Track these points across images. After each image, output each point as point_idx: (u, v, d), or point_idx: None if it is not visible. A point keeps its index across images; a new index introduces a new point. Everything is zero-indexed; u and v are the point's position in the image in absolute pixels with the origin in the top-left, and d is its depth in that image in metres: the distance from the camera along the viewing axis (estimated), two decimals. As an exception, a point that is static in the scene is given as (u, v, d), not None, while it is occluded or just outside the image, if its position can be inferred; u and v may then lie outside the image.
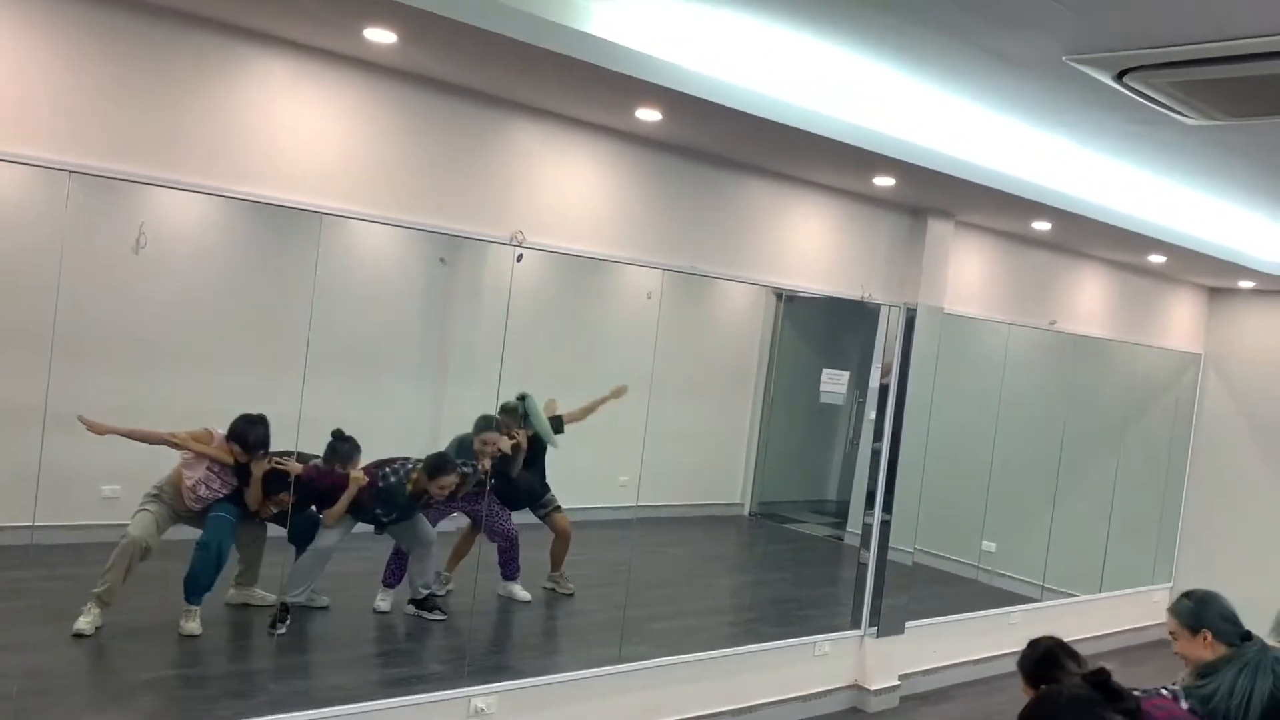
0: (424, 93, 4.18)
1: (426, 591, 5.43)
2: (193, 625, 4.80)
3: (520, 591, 5.91)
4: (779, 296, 9.19)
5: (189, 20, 3.59)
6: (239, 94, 3.76)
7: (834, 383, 8.12)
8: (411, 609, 5.44)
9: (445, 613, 5.50)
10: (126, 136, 3.53)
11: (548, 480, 6.13)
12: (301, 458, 5.13)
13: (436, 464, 5.26)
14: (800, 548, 9.02)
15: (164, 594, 4.82)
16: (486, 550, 5.92)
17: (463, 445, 5.69)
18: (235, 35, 3.71)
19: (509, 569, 5.90)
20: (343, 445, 5.15)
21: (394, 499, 5.23)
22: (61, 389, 5.42)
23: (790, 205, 5.57)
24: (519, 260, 4.94)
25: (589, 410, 6.06)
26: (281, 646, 4.93)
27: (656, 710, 5.08)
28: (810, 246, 5.71)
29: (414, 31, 3.54)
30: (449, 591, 5.81)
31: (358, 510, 5.20)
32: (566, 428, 6.12)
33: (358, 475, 5.15)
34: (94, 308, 5.70)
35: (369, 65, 4.01)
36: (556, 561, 6.11)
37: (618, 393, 6.03)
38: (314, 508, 5.22)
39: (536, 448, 6.00)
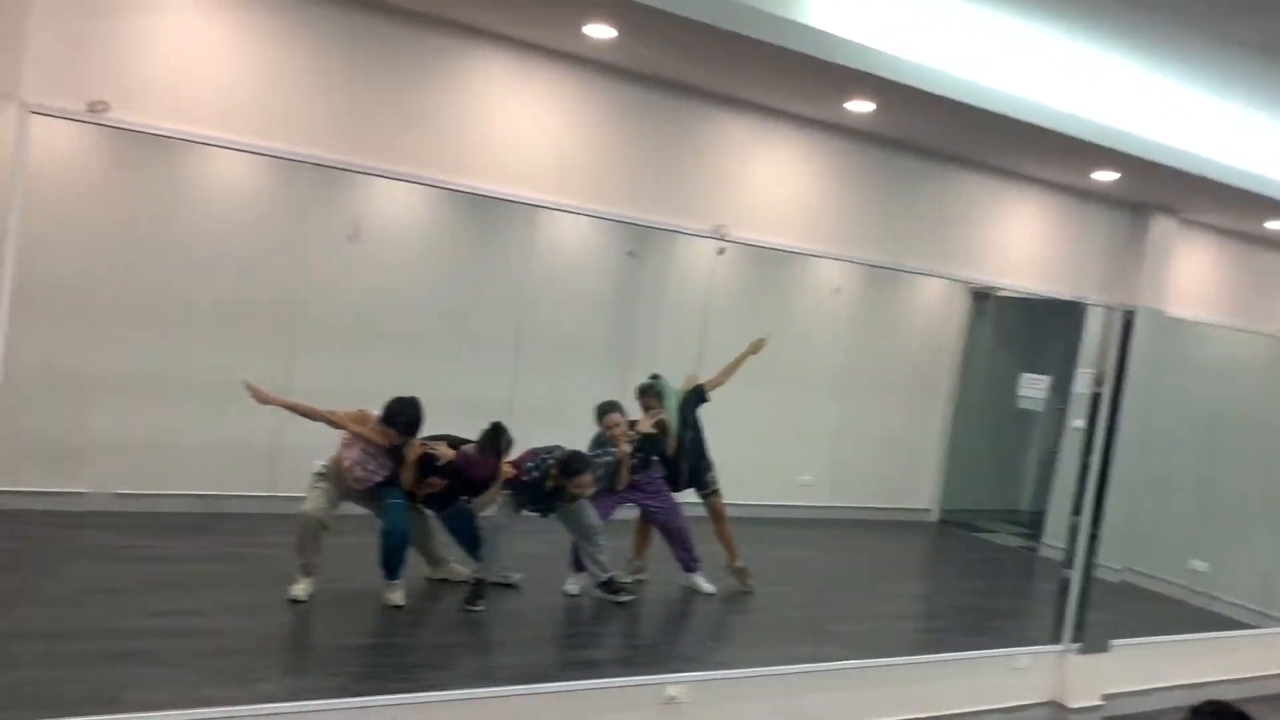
0: (636, 88, 4.24)
1: (606, 575, 5.49)
2: (395, 596, 5.02)
3: (704, 584, 5.92)
4: (974, 295, 8.89)
5: (417, 19, 3.75)
6: (461, 90, 3.90)
7: (1033, 387, 7.80)
8: (598, 592, 5.52)
9: (631, 594, 5.55)
10: (355, 130, 3.71)
11: (710, 460, 6.03)
12: (453, 442, 5.22)
13: (569, 464, 5.24)
14: (990, 557, 8.70)
15: (372, 563, 5.06)
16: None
17: (600, 438, 5.68)
18: (460, 33, 3.85)
19: (687, 561, 5.90)
20: (500, 436, 5.17)
21: (538, 492, 5.29)
22: (283, 367, 5.80)
23: (1000, 200, 5.36)
24: (720, 253, 4.95)
25: (731, 370, 5.93)
26: (477, 622, 5.09)
27: (846, 713, 4.99)
28: (1020, 243, 5.48)
29: (633, 26, 3.58)
30: (639, 581, 5.88)
31: (515, 497, 5.30)
32: (713, 393, 5.98)
33: (506, 469, 5.22)
34: (309, 292, 6.06)
35: (584, 61, 4.09)
36: (729, 547, 6.05)
37: (756, 347, 5.89)
38: (464, 497, 5.32)
39: (694, 428, 5.94)
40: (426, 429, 5.13)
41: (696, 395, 5.93)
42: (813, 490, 8.02)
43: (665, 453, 5.81)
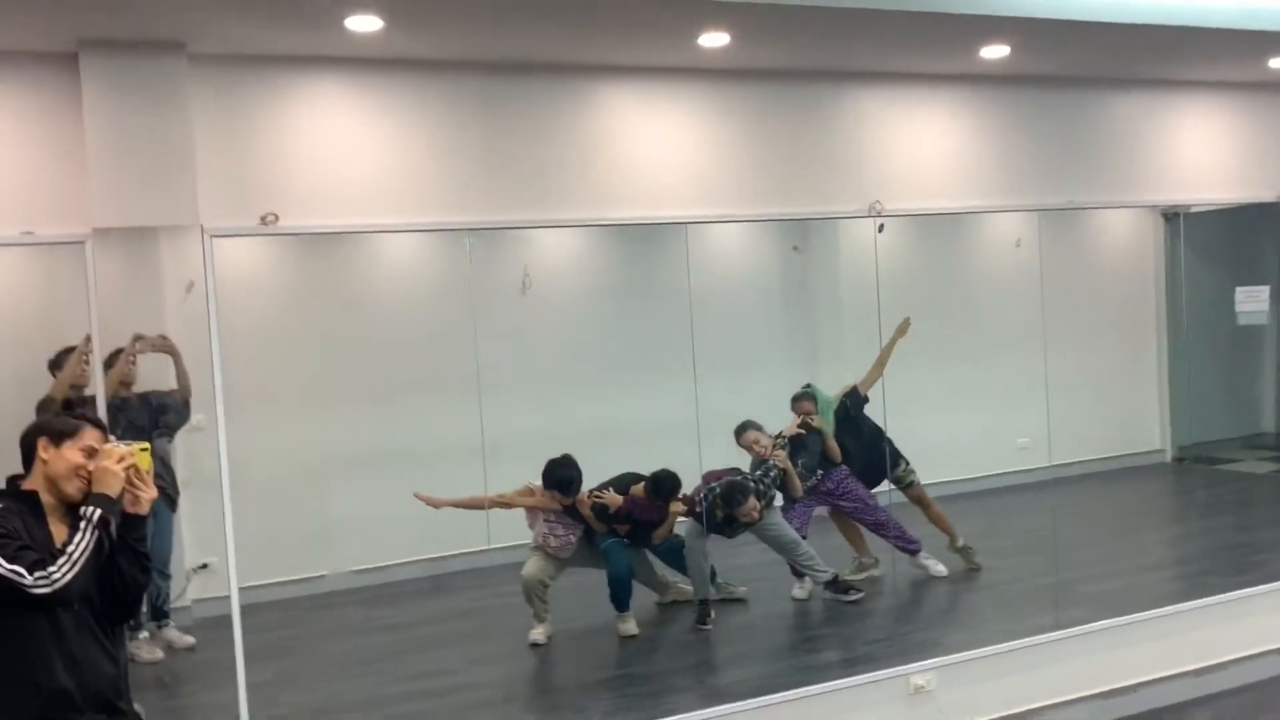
0: (760, 85, 4.24)
1: (829, 574, 5.41)
2: (628, 626, 5.13)
3: (934, 565, 5.76)
4: (1167, 217, 8.35)
5: (538, 69, 3.88)
6: (594, 127, 4.00)
7: (1252, 300, 7.24)
8: (828, 593, 5.46)
9: (860, 590, 5.47)
10: (503, 188, 3.87)
11: (899, 453, 5.82)
12: (626, 483, 5.22)
13: (728, 497, 5.21)
14: (1240, 488, 8.09)
15: (603, 597, 5.18)
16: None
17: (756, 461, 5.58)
18: (583, 74, 3.96)
19: (905, 547, 5.74)
20: (663, 485, 5.17)
21: (712, 521, 5.28)
22: (484, 423, 6.04)
23: (1168, 112, 5.04)
24: (880, 230, 4.85)
25: (882, 363, 5.71)
26: (710, 640, 5.13)
27: (1107, 676, 4.74)
28: (1201, 153, 5.13)
29: (747, 26, 3.58)
30: (871, 577, 5.78)
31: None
32: (872, 391, 5.76)
33: (677, 506, 5.24)
34: (491, 351, 6.29)
35: (706, 71, 4.12)
36: (946, 530, 5.86)
37: (902, 329, 5.65)
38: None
39: (864, 426, 5.77)
40: (616, 466, 5.25)
41: (852, 398, 5.80)
42: (1033, 452, 7.67)
43: (827, 456, 5.71)
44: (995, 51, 4.12)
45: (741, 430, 5.62)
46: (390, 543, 6.08)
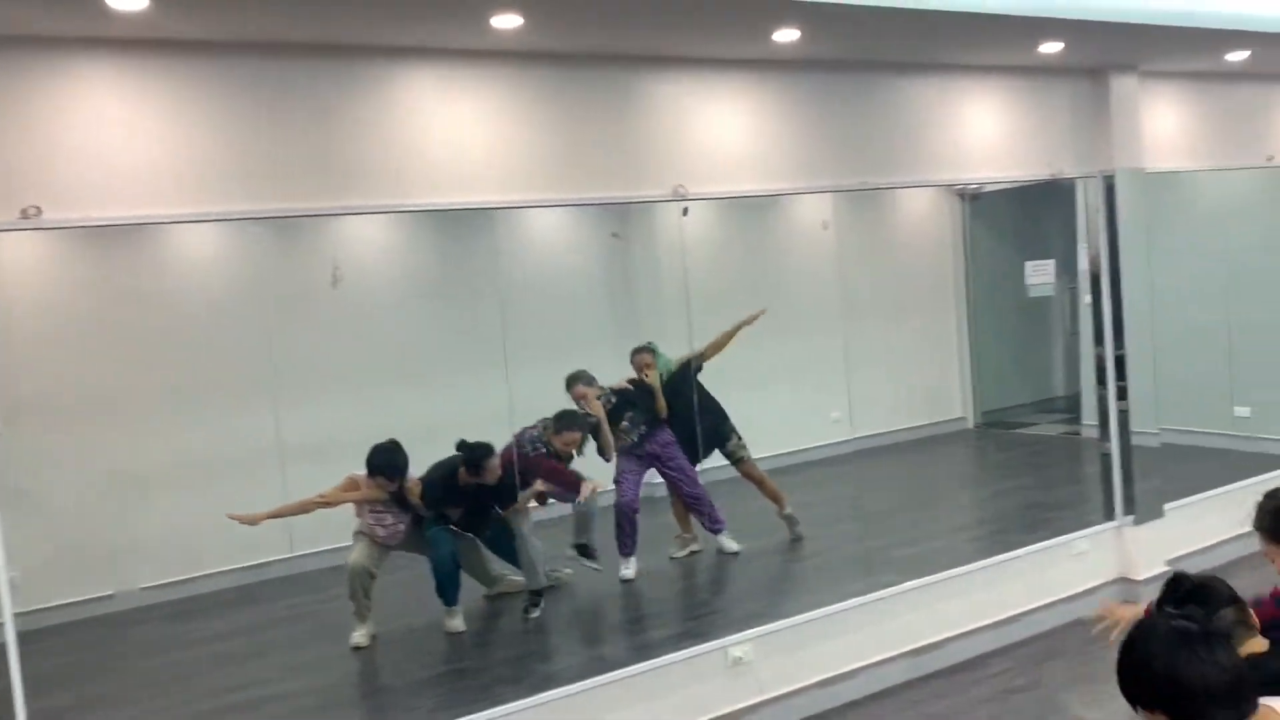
0: (560, 69, 4.20)
1: (537, 585, 5.27)
2: (455, 622, 5.05)
3: (729, 543, 5.85)
4: (962, 196, 8.81)
5: (327, 51, 3.73)
6: (393, 111, 3.88)
7: (1040, 273, 7.72)
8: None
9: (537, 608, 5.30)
10: (297, 176, 3.70)
11: (733, 427, 5.96)
12: (444, 469, 5.15)
13: (562, 416, 5.38)
14: (1035, 450, 8.64)
15: (425, 596, 5.08)
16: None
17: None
18: (374, 56, 3.82)
19: (712, 525, 5.86)
20: (476, 450, 5.11)
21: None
22: (291, 424, 5.83)
23: (955, 95, 5.28)
24: (685, 214, 4.92)
25: (728, 338, 5.87)
26: (540, 629, 5.12)
27: (915, 634, 4.98)
28: (985, 133, 5.41)
29: (538, 7, 3.55)
30: (692, 552, 5.89)
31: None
32: (709, 363, 5.90)
33: (494, 466, 5.17)
34: (308, 347, 6.08)
35: (505, 54, 4.06)
36: (775, 499, 6.03)
37: (752, 319, 5.84)
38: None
39: (697, 392, 5.85)
40: (431, 459, 5.16)
41: (686, 366, 5.88)
42: (846, 424, 7.99)
43: (655, 413, 5.78)
44: (787, 35, 4.22)
45: (571, 382, 5.65)
46: (195, 554, 5.81)
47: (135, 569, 5.68)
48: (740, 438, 6.00)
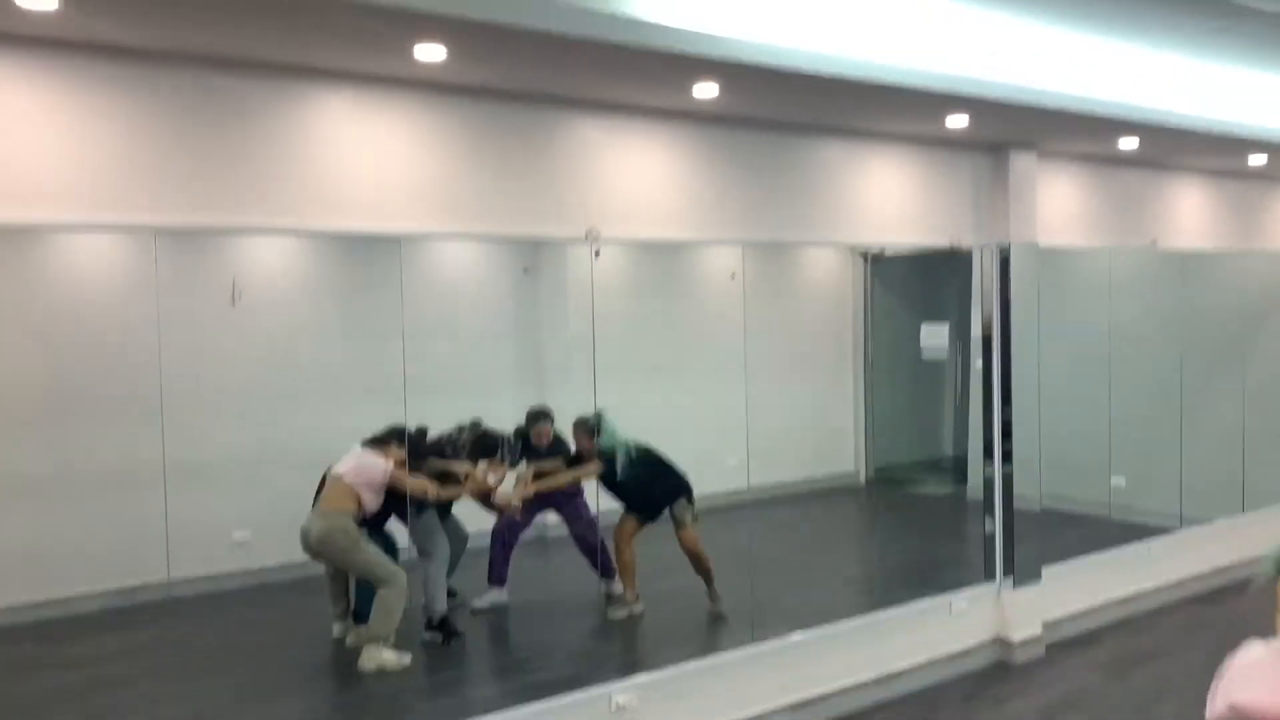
0: (482, 104, 4.21)
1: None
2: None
3: (616, 587, 5.69)
4: (865, 257, 9.03)
5: (245, 67, 3.67)
6: (306, 132, 3.83)
7: (934, 337, 7.95)
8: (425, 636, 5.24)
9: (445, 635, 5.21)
10: (203, 190, 3.62)
11: (689, 492, 5.87)
12: None
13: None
14: (922, 509, 8.85)
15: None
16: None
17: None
18: (292, 75, 3.78)
19: (602, 569, 5.78)
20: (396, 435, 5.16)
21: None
22: (180, 445, 5.61)
23: (863, 160, 5.45)
24: (596, 256, 4.94)
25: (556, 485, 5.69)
26: (418, 666, 5.00)
27: (797, 688, 5.02)
28: (890, 199, 5.58)
29: (463, 43, 3.55)
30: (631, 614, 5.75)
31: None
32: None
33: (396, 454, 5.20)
34: (199, 363, 5.88)
35: (426, 85, 4.05)
36: (706, 578, 5.75)
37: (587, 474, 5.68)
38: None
39: (641, 459, 5.79)
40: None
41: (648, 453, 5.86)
42: (743, 473, 8.05)
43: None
44: (706, 90, 4.31)
45: (536, 419, 5.74)
46: (65, 574, 5.53)
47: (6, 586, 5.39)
48: (692, 504, 5.87)
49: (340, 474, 5.00)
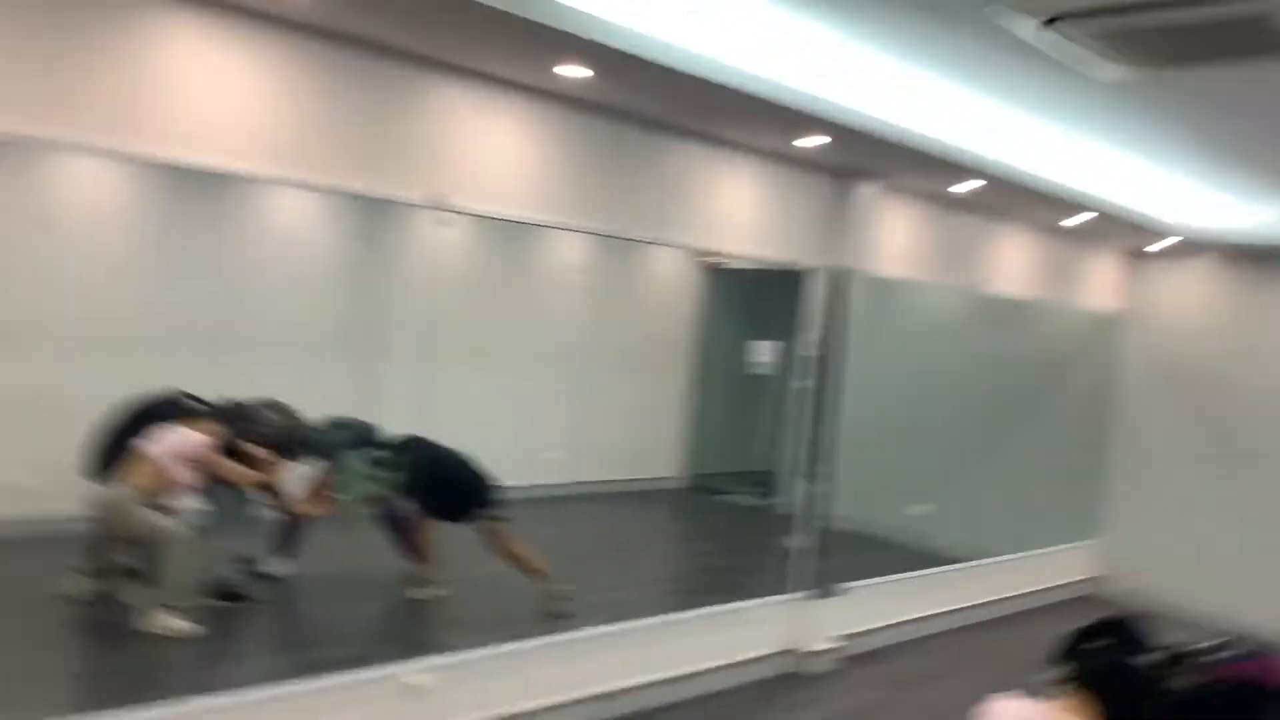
0: (342, 50, 4.03)
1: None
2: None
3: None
4: (704, 268, 9.14)
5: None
6: (145, 52, 3.57)
7: (761, 354, 8.14)
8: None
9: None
10: (20, 99, 3.32)
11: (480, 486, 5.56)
12: None
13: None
14: (733, 517, 9.03)
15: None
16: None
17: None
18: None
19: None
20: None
21: None
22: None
23: (715, 168, 5.50)
24: (442, 224, 4.80)
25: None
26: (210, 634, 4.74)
27: (589, 682, 5.00)
28: (736, 211, 5.66)
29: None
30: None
31: None
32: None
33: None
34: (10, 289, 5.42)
35: (286, 22, 3.84)
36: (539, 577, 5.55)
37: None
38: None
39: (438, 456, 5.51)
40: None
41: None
42: (561, 467, 8.01)
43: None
44: (573, 72, 4.24)
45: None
46: None
47: None
48: (499, 518, 5.53)
49: (153, 453, 4.70)
